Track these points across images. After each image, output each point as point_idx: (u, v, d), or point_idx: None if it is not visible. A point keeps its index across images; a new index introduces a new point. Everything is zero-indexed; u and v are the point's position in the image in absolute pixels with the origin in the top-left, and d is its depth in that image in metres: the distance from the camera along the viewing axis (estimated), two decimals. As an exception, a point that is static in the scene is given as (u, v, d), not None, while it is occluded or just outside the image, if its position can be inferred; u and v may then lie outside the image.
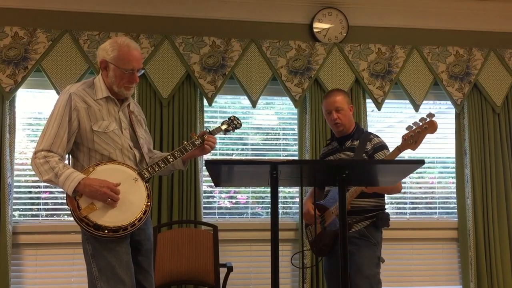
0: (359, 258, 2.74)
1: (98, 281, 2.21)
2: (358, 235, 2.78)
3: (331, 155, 3.00)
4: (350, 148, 2.88)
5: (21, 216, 3.89)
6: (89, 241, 2.26)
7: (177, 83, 3.91)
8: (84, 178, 2.20)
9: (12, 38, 3.75)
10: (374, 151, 2.84)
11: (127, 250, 2.28)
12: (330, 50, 4.12)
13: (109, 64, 2.34)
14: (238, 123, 2.84)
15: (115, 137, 2.33)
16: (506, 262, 4.08)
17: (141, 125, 2.53)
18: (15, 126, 3.77)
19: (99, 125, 2.30)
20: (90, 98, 2.33)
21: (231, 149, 4.25)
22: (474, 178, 4.12)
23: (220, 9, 4.09)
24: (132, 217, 2.24)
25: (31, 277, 3.79)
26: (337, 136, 3.00)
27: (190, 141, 2.53)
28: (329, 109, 2.92)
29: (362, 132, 2.95)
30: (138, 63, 2.36)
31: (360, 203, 2.79)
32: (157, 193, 3.80)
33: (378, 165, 2.06)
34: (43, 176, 2.22)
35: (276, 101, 4.31)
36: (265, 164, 1.83)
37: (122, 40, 2.36)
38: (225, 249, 3.83)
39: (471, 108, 4.22)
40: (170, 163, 2.44)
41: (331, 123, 2.96)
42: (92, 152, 2.31)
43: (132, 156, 2.38)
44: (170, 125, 3.89)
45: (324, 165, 2.27)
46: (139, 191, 2.30)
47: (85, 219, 2.18)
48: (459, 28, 4.34)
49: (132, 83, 2.37)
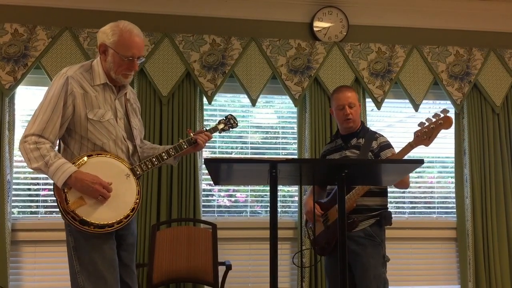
0: (366, 258, 2.74)
1: (79, 275, 2.16)
2: (363, 235, 2.77)
3: (335, 152, 2.97)
4: (355, 146, 2.87)
5: (20, 213, 3.89)
6: (72, 233, 2.19)
7: (176, 81, 3.91)
8: (76, 172, 2.11)
9: (12, 35, 3.75)
10: (380, 150, 2.84)
11: (112, 246, 2.22)
12: (330, 49, 4.12)
13: (109, 48, 2.23)
14: (235, 123, 2.80)
15: (109, 127, 2.24)
16: (505, 262, 4.08)
17: (135, 114, 2.44)
18: (14, 123, 3.77)
19: (95, 113, 2.21)
20: (87, 84, 2.23)
21: (230, 147, 4.25)
22: (473, 178, 4.12)
23: (220, 7, 4.08)
24: (120, 215, 2.19)
25: (29, 274, 3.79)
26: (342, 133, 2.98)
27: (186, 139, 2.48)
28: (342, 103, 2.88)
29: (367, 131, 2.95)
30: (139, 50, 2.25)
31: (365, 202, 2.78)
32: (156, 191, 3.80)
33: (377, 165, 2.06)
34: (32, 164, 2.11)
35: (275, 99, 4.31)
36: (265, 162, 1.83)
37: (125, 25, 2.24)
38: (224, 248, 3.83)
39: (470, 108, 4.22)
40: (164, 160, 2.38)
41: (341, 118, 2.90)
42: (84, 140, 2.22)
43: (125, 148, 2.30)
44: (170, 123, 3.89)
45: (323, 164, 2.27)
46: (130, 188, 2.24)
47: (72, 213, 2.12)
48: (459, 28, 4.34)
49: (131, 70, 2.27)
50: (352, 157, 2.83)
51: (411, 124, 4.33)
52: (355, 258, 2.76)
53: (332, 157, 2.97)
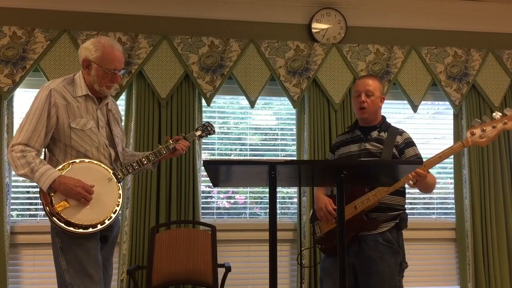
0: (382, 268, 2.56)
1: (66, 273, 2.28)
2: (381, 240, 2.60)
3: (352, 143, 2.77)
4: (377, 139, 2.70)
5: (19, 216, 3.88)
6: (59, 235, 2.31)
7: (175, 83, 3.91)
8: (59, 176, 2.25)
9: (10, 38, 3.75)
10: (405, 146, 2.69)
11: (96, 246, 2.34)
12: (328, 50, 4.12)
13: (92, 63, 2.39)
14: (212, 130, 2.95)
15: (92, 135, 2.38)
16: (504, 262, 4.08)
17: (117, 123, 2.59)
18: (13, 126, 3.77)
19: (77, 122, 2.35)
20: (69, 95, 2.37)
21: (229, 149, 4.25)
22: (472, 178, 4.13)
23: (218, 9, 4.09)
24: (103, 216, 2.31)
25: (29, 277, 3.78)
26: (362, 125, 2.79)
27: (165, 145, 2.63)
28: (359, 90, 2.73)
29: (389, 125, 2.79)
30: (120, 63, 2.43)
31: (386, 200, 2.60)
32: (155, 193, 3.80)
33: (377, 166, 2.06)
34: (19, 170, 2.26)
35: (274, 101, 4.31)
36: (264, 164, 1.83)
37: (106, 40, 2.42)
38: (223, 249, 3.83)
39: (469, 108, 4.23)
40: (144, 165, 2.53)
41: (356, 106, 2.74)
42: (68, 148, 2.35)
43: (107, 155, 2.43)
44: (169, 125, 3.89)
45: (323, 165, 2.27)
46: (112, 192, 2.37)
47: (57, 215, 2.24)
48: (457, 29, 4.35)
49: (114, 82, 2.43)
50: (373, 150, 2.67)
51: (409, 125, 4.34)
52: (370, 265, 2.57)
53: (347, 149, 2.78)
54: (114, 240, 2.56)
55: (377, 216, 2.59)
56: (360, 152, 2.72)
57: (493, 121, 2.35)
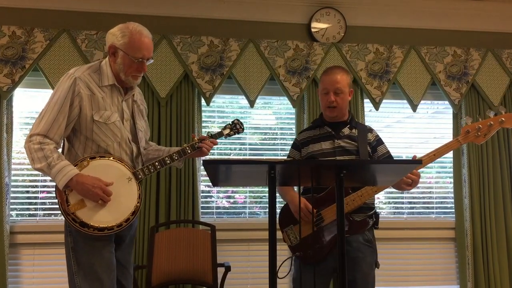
0: (366, 268, 2.53)
1: (76, 276, 2.17)
2: (362, 240, 2.56)
3: (322, 140, 2.66)
4: (349, 136, 2.64)
5: (18, 215, 3.88)
6: (72, 234, 2.21)
7: (175, 82, 3.91)
8: (77, 175, 2.13)
9: (9, 37, 3.74)
10: (377, 143, 2.66)
11: (110, 249, 2.23)
12: (328, 50, 4.12)
13: (118, 50, 2.24)
14: (241, 128, 2.75)
15: (115, 129, 2.25)
16: (503, 262, 4.09)
17: (142, 115, 2.46)
18: (12, 126, 3.77)
19: (101, 115, 2.22)
20: (94, 85, 2.24)
21: (229, 148, 4.25)
22: (472, 178, 4.13)
23: (218, 8, 4.09)
24: (120, 218, 2.20)
25: (28, 277, 3.78)
26: (329, 121, 2.69)
27: (190, 144, 2.50)
28: (327, 88, 2.61)
29: (357, 122, 2.74)
30: (149, 51, 2.27)
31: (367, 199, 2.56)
32: (155, 193, 3.80)
33: (377, 165, 2.06)
34: (35, 164, 2.12)
35: (274, 101, 4.32)
36: (263, 164, 1.83)
37: (134, 26, 2.26)
38: (223, 249, 3.83)
39: (468, 108, 4.23)
40: (167, 165, 2.40)
41: (324, 104, 2.63)
42: (89, 141, 2.23)
43: (129, 151, 2.31)
44: (168, 125, 3.89)
45: (323, 165, 2.26)
46: (131, 192, 2.26)
47: (72, 215, 2.14)
48: (456, 28, 4.35)
49: (141, 72, 2.29)
50: (347, 148, 2.60)
51: (409, 124, 4.34)
52: (355, 267, 2.50)
53: (319, 146, 2.67)
54: (132, 239, 2.44)
55: (364, 217, 2.55)
56: (334, 149, 2.63)
57: (490, 119, 2.34)
